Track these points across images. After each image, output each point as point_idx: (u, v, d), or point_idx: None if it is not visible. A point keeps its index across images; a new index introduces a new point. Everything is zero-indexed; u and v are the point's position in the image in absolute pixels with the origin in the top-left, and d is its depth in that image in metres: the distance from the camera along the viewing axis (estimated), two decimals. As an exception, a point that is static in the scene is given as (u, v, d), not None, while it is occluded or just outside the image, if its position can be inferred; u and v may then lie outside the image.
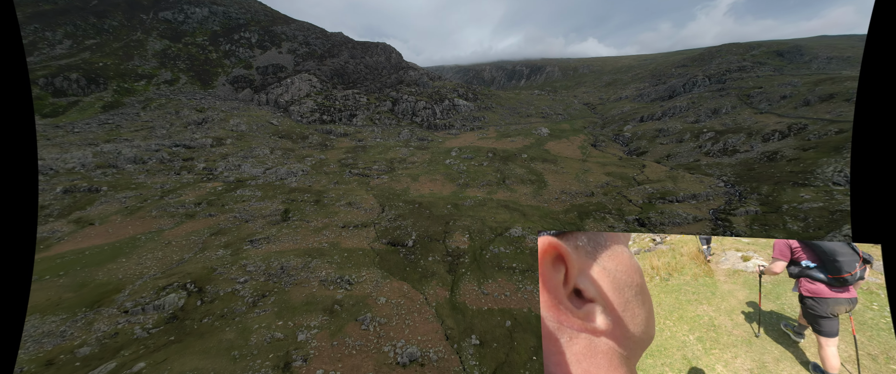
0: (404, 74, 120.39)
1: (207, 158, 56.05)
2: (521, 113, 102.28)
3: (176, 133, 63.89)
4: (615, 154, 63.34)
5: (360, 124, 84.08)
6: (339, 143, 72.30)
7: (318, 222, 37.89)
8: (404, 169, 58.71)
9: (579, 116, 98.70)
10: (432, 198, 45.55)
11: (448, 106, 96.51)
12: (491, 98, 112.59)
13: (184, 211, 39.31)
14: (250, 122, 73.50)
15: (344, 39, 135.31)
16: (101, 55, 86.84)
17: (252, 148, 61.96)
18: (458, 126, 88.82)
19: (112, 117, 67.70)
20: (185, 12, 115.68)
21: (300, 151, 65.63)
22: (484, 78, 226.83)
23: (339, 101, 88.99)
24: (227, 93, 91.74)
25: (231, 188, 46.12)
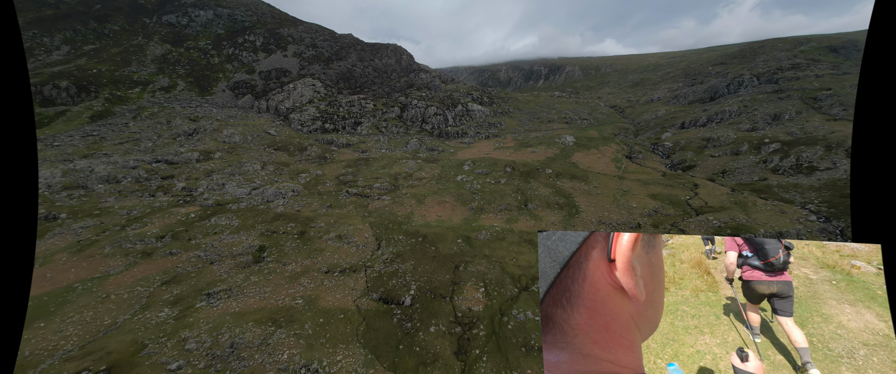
0: (415, 76, 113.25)
1: (190, 175, 49.96)
2: (541, 118, 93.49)
3: (162, 146, 58.32)
4: (656, 169, 54.13)
5: (365, 133, 77.19)
6: (340, 155, 65.50)
7: (298, 263, 30.73)
8: (410, 187, 51.25)
9: (607, 122, 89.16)
10: (440, 228, 37.85)
11: (461, 111, 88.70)
12: (508, 102, 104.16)
13: (142, 247, 32.84)
14: (245, 132, 67.56)
15: (353, 41, 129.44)
16: (98, 61, 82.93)
17: (242, 163, 55.69)
18: (472, 134, 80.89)
19: (98, 128, 62.83)
20: (190, 15, 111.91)
21: (296, 165, 59.05)
22: (499, 79, 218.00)
23: (344, 107, 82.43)
24: (226, 99, 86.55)
25: (207, 215, 39.61)
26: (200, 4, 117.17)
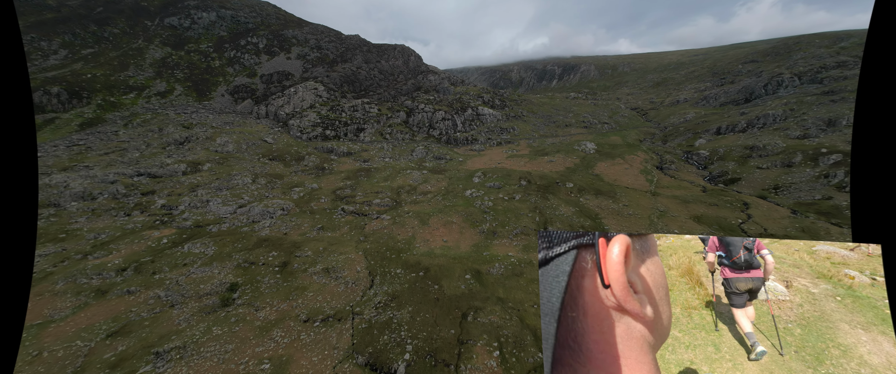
0: (423, 78, 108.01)
1: (172, 190, 45.60)
2: (557, 122, 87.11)
3: (149, 156, 54.29)
4: (694, 182, 47.53)
5: (368, 140, 72.19)
6: (340, 164, 60.59)
7: (273, 308, 25.61)
8: (413, 204, 45.91)
9: (630, 126, 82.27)
10: (445, 258, 32.35)
11: (471, 116, 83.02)
12: (521, 104, 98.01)
13: (98, 283, 28.23)
14: (240, 140, 63.26)
15: (359, 42, 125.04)
16: (94, 65, 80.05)
17: (231, 176, 51.20)
18: (483, 140, 75.13)
19: (86, 137, 59.30)
20: (192, 17, 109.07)
21: (290, 177, 54.32)
22: (511, 79, 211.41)
23: (346, 112, 77.65)
24: (224, 105, 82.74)
25: (181, 239, 34.97)
26: (203, 6, 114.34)
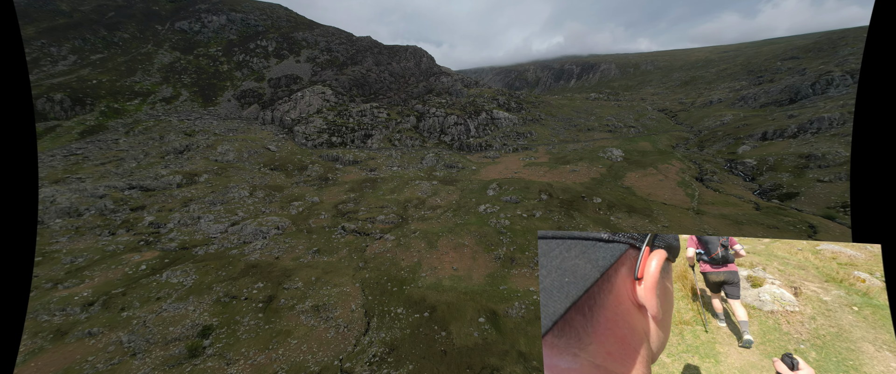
0: (435, 80, 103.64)
1: (163, 205, 42.47)
2: (578, 125, 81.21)
3: (145, 167, 51.62)
4: (743, 198, 41.41)
5: (376, 147, 68.20)
6: (345, 174, 56.70)
7: (247, 361, 21.52)
8: (421, 220, 41.46)
9: (659, 129, 75.73)
10: (454, 293, 27.72)
11: (485, 120, 78.07)
12: (539, 107, 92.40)
13: (60, 321, 24.81)
14: (242, 148, 60.19)
15: (371, 44, 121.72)
16: (101, 71, 78.88)
17: (228, 188, 47.88)
18: (498, 146, 70.11)
19: (85, 146, 57.27)
20: (203, 21, 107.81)
21: (291, 189, 50.69)
22: (527, 79, 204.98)
23: (354, 117, 73.93)
24: (230, 110, 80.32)
25: (163, 264, 31.48)
26: (214, 10, 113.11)
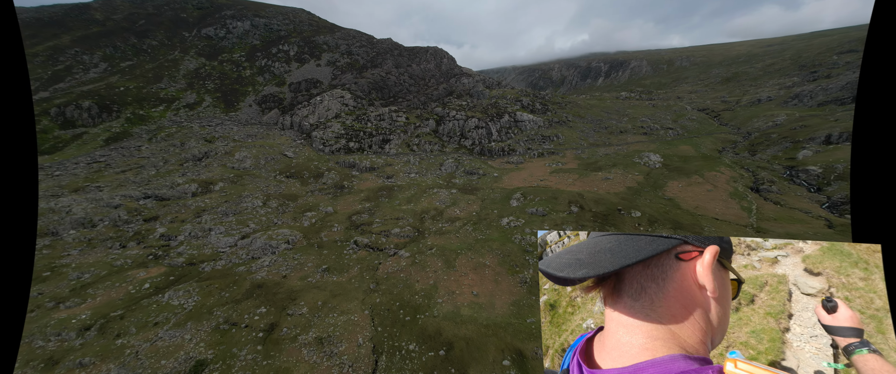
0: (456, 82, 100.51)
1: (176, 216, 41.50)
2: (610, 128, 75.85)
3: (164, 174, 51.33)
4: (811, 212, 35.81)
5: (394, 152, 65.81)
6: (361, 182, 54.52)
7: (241, 407, 19.08)
8: (438, 234, 38.45)
9: (701, 130, 69.37)
10: (474, 326, 24.49)
11: (508, 123, 74.18)
12: (565, 107, 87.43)
13: (55, 347, 23.42)
14: (259, 155, 59.26)
15: (391, 46, 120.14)
16: (130, 78, 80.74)
17: (242, 198, 46.62)
18: (522, 151, 66.13)
19: (109, 153, 57.93)
20: (228, 27, 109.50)
21: (305, 198, 48.92)
22: (552, 79, 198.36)
23: (372, 122, 71.92)
24: (251, 115, 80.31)
25: (168, 283, 29.98)
26: (239, 16, 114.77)
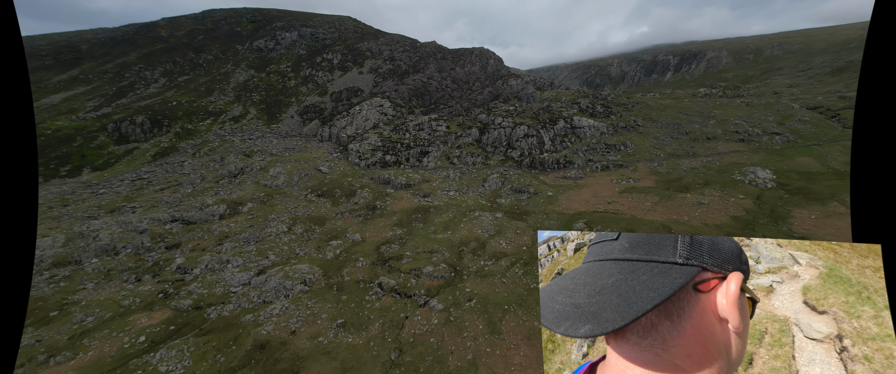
0: (503, 84, 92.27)
1: (198, 243, 38.72)
2: (692, 133, 63.09)
3: (199, 193, 49.86)
4: None
5: (432, 166, 59.58)
6: (395, 201, 48.88)
7: None
8: (480, 277, 31.26)
9: (821, 136, 54.42)
10: (527, 450, 16.88)
11: (563, 129, 64.64)
12: (632, 109, 75.33)
13: (24, 422, 19.89)
14: (293, 171, 56.31)
15: (434, 50, 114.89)
16: (184, 92, 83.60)
17: (267, 222, 43.10)
18: (581, 163, 56.43)
19: (154, 169, 58.47)
20: (277, 38, 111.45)
21: (333, 222, 44.27)
22: (610, 75, 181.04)
23: (411, 132, 66.47)
24: (292, 127, 79.07)
25: (166, 334, 26.21)
26: (288, 26, 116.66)
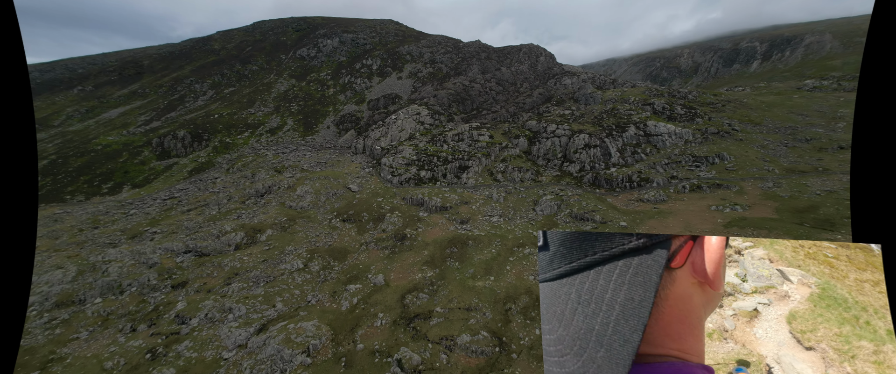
0: (555, 84, 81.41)
1: (204, 283, 34.23)
2: (816, 141, 48.36)
3: (222, 215, 46.44)
4: None
5: (472, 183, 51.33)
6: (428, 229, 41.46)
7: None
8: (533, 357, 22.68)
9: None
10: None
11: (635, 137, 53.09)
12: (724, 109, 61.07)
13: None
14: (321, 190, 51.31)
15: (478, 49, 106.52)
16: (227, 104, 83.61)
17: (285, 253, 37.86)
18: (662, 181, 44.93)
19: (186, 187, 56.82)
20: (318, 46, 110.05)
21: (356, 256, 37.89)
22: (680, 68, 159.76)
23: (449, 143, 58.82)
24: (327, 138, 75.26)
25: (133, 420, 20.79)
26: (329, 34, 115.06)
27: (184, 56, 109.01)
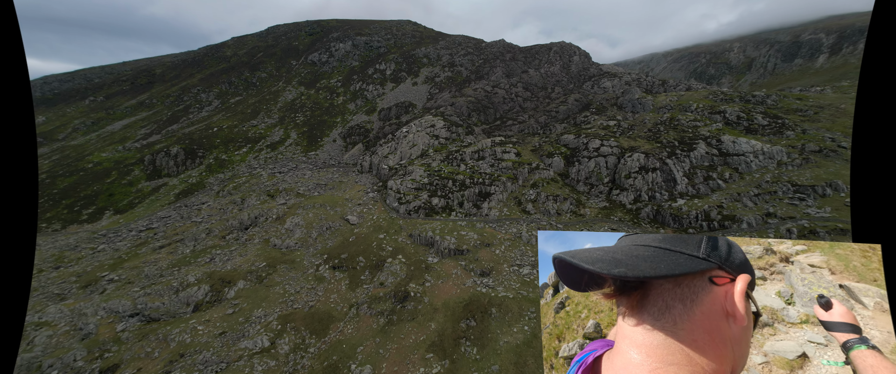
0: (592, 87, 69.95)
1: (140, 367, 26.12)
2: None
3: (197, 254, 38.96)
4: None
5: (495, 215, 41.31)
6: (438, 283, 31.87)
7: None
8: None
9: None
10: None
11: (707, 157, 41.39)
12: (819, 118, 47.97)
13: None
14: (313, 221, 42.97)
15: (502, 49, 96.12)
16: (230, 115, 77.61)
17: (249, 322, 29.45)
18: (755, 221, 33.24)
19: (168, 214, 50.08)
20: (330, 50, 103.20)
21: (340, 329, 28.96)
22: (730, 64, 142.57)
23: (468, 162, 49.03)
24: (332, 153, 67.34)
25: None
26: (342, 37, 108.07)
27: (195, 64, 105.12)
